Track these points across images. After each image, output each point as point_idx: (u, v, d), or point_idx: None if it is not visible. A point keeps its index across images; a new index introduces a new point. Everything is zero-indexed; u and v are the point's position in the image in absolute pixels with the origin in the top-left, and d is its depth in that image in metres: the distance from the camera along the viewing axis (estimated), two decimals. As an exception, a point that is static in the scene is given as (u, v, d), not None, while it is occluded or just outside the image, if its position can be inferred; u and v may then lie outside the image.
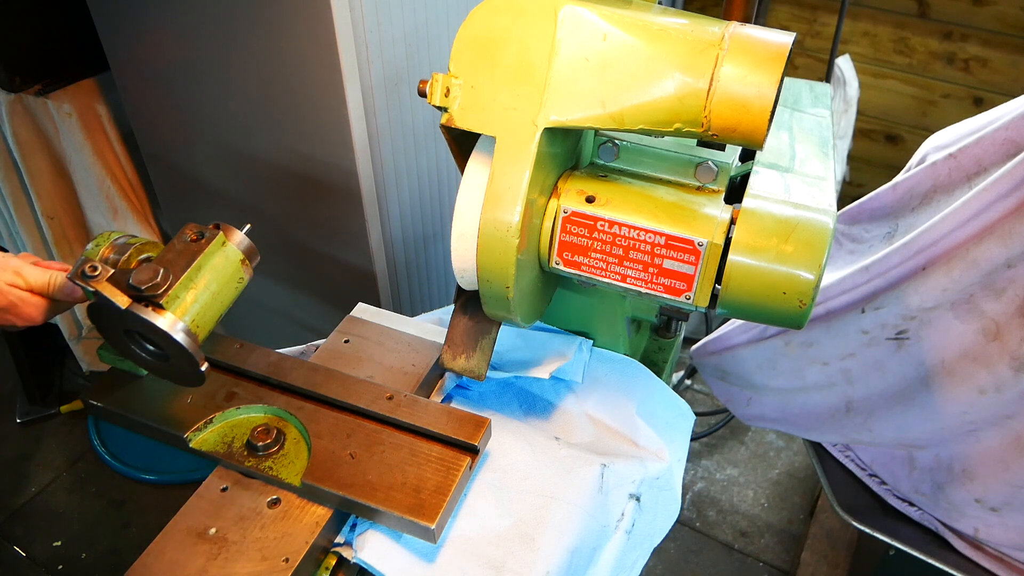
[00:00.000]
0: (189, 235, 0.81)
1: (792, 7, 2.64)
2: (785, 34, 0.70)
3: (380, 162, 1.54)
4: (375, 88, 1.45)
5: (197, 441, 0.87)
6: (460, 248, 0.78)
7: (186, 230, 0.81)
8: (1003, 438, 1.12)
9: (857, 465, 1.36)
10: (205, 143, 1.70)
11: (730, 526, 2.07)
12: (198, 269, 0.79)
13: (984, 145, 1.11)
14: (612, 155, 0.85)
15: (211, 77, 1.56)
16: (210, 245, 0.80)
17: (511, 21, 0.73)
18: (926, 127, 2.59)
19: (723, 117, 0.69)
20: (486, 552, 0.81)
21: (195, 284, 0.78)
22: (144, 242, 0.84)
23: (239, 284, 0.84)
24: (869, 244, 1.30)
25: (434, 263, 1.85)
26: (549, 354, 1.01)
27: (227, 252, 0.82)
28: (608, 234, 0.78)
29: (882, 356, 1.19)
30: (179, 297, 0.77)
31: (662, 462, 0.97)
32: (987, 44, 2.40)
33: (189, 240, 0.80)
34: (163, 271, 0.76)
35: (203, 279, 0.79)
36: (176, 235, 0.81)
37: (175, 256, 0.79)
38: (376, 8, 1.38)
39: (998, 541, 1.20)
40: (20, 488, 2.13)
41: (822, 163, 0.90)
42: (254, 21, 1.41)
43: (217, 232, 0.81)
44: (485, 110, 0.74)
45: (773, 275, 0.73)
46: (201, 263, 0.79)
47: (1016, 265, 1.02)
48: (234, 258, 0.82)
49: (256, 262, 0.86)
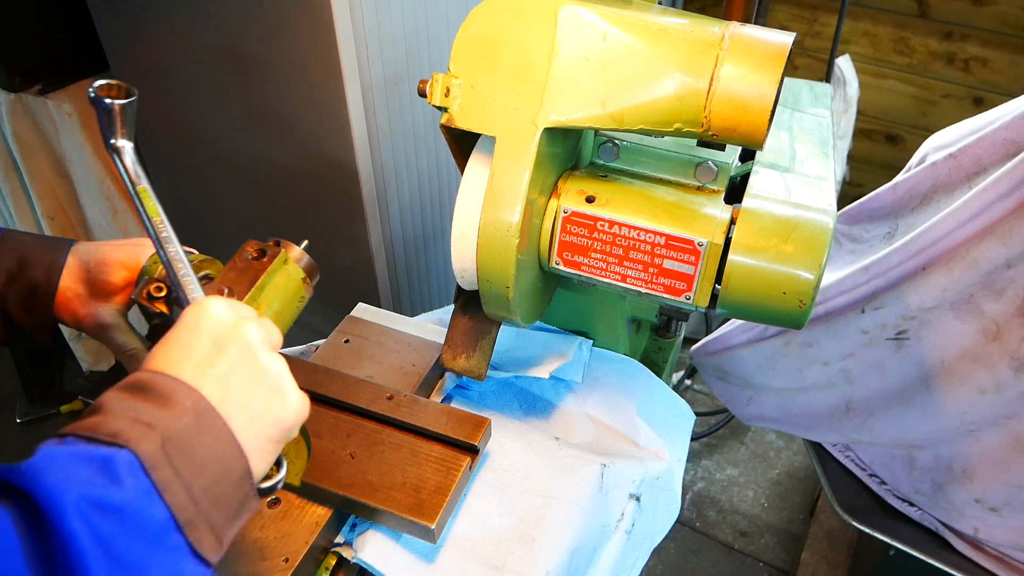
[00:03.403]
0: (250, 252, 0.78)
1: (792, 7, 2.64)
2: (785, 34, 0.70)
3: (380, 162, 1.54)
4: (375, 88, 1.45)
5: (197, 441, 0.87)
6: (460, 248, 0.78)
7: (247, 247, 0.78)
8: (1003, 438, 1.12)
9: (857, 465, 1.36)
10: (205, 143, 1.70)
11: (730, 526, 2.07)
12: (261, 289, 0.76)
13: (984, 145, 1.11)
14: (612, 155, 0.85)
15: (211, 77, 1.56)
16: (272, 263, 0.77)
17: (511, 21, 0.73)
18: (926, 127, 2.59)
19: (723, 117, 0.69)
20: (486, 552, 0.81)
21: (258, 304, 0.76)
22: (201, 259, 0.82)
23: (300, 303, 0.81)
24: (869, 244, 1.30)
25: (434, 263, 1.85)
26: (549, 354, 1.01)
27: (289, 270, 0.80)
28: (608, 234, 0.78)
29: (882, 356, 1.19)
30: None
31: (662, 462, 0.97)
32: (987, 44, 2.40)
33: (251, 258, 0.78)
34: (227, 291, 0.73)
35: (266, 299, 0.77)
36: (237, 252, 0.78)
37: (237, 275, 0.76)
38: (376, 8, 1.38)
39: (998, 541, 1.20)
40: (20, 488, 2.12)
41: (822, 163, 0.90)
42: (254, 21, 1.41)
43: (279, 250, 0.79)
44: (485, 110, 0.74)
45: (773, 275, 0.73)
46: (264, 282, 0.76)
47: (1016, 265, 1.02)
48: (296, 276, 0.80)
49: (316, 279, 0.83)
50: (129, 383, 0.54)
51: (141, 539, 0.47)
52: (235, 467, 0.54)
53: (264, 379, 0.59)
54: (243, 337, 0.59)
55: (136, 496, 0.47)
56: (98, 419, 0.51)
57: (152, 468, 0.49)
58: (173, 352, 0.57)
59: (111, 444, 0.48)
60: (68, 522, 0.44)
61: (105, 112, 0.68)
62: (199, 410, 0.53)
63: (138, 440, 0.49)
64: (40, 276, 0.78)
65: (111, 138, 0.69)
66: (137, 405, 0.52)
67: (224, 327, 0.59)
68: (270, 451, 0.59)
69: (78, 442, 0.49)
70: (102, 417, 0.51)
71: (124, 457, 0.48)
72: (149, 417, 0.51)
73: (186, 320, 0.60)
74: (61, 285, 0.79)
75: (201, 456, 0.52)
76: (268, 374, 0.60)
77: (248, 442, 0.56)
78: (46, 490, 0.45)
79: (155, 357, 0.57)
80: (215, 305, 0.60)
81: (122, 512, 0.46)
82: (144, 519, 0.47)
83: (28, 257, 0.78)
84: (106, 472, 0.47)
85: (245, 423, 0.56)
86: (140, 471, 0.48)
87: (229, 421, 0.55)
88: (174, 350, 0.57)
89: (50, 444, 0.49)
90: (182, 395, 0.53)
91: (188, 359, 0.56)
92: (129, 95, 0.68)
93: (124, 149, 0.70)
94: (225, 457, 0.54)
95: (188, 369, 0.55)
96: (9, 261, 0.77)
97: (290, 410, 0.60)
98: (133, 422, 0.50)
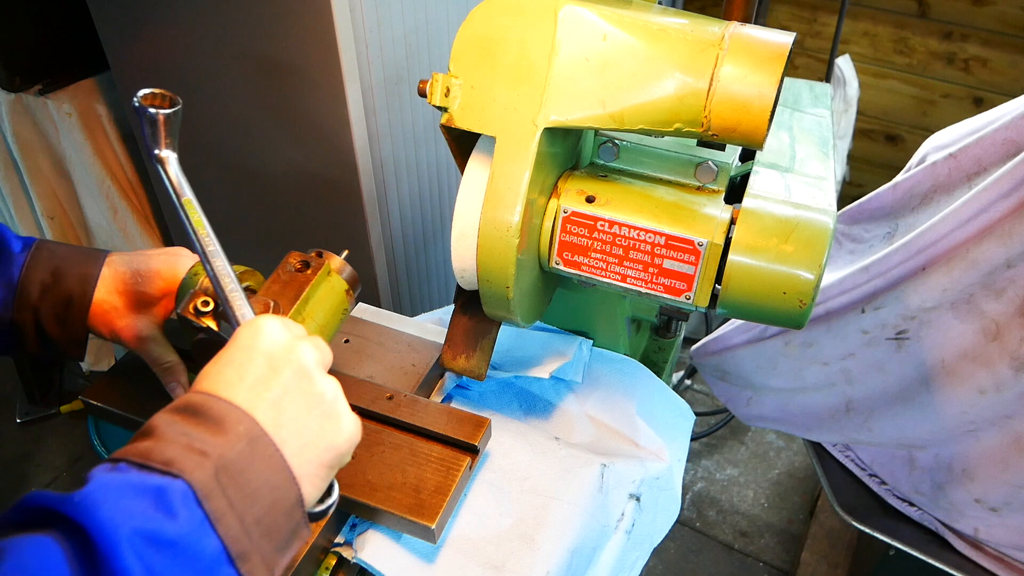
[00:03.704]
0: (293, 264, 0.77)
1: (792, 7, 2.64)
2: (785, 34, 0.70)
3: (380, 162, 1.54)
4: (375, 88, 1.45)
5: (197, 441, 0.87)
6: (460, 248, 0.78)
7: (289, 259, 0.77)
8: (1003, 438, 1.12)
9: (857, 465, 1.35)
10: (205, 143, 1.70)
11: (730, 526, 2.07)
12: (305, 302, 0.75)
13: (984, 145, 1.11)
14: (612, 155, 0.85)
15: (211, 77, 1.56)
16: (316, 276, 0.76)
17: (511, 21, 0.73)
18: (926, 127, 2.59)
19: (723, 117, 0.69)
20: (486, 552, 0.81)
21: (303, 318, 0.74)
22: (243, 271, 0.81)
23: (344, 316, 0.80)
24: (869, 244, 1.30)
25: (434, 263, 1.85)
26: (549, 354, 1.01)
27: (332, 282, 0.78)
28: (608, 234, 0.78)
29: (882, 356, 1.19)
30: None
31: (662, 462, 0.97)
32: (987, 44, 2.40)
33: (294, 270, 0.76)
34: (273, 304, 0.72)
35: (310, 312, 0.75)
36: (280, 264, 0.77)
37: (281, 288, 0.75)
38: (376, 8, 1.38)
39: (998, 541, 1.20)
40: (20, 488, 2.13)
41: (822, 163, 0.90)
42: (254, 21, 1.41)
43: (323, 261, 0.77)
44: (485, 110, 0.74)
45: (773, 275, 0.73)
46: (308, 295, 0.75)
47: (1016, 265, 1.02)
48: (339, 288, 0.79)
49: (358, 291, 0.81)
50: (181, 405, 0.53)
51: (193, 573, 0.46)
52: (287, 495, 0.53)
53: (319, 403, 0.58)
54: (298, 359, 0.58)
55: (190, 528, 0.47)
56: (151, 444, 0.50)
57: (205, 498, 0.48)
58: (227, 374, 0.55)
59: (165, 472, 0.48)
60: (122, 558, 0.43)
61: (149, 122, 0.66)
62: (252, 436, 0.52)
63: (192, 469, 0.48)
64: (75, 288, 0.76)
65: (155, 148, 0.68)
66: (190, 430, 0.51)
67: (279, 348, 0.58)
68: (323, 477, 0.57)
69: (131, 469, 0.48)
70: (154, 442, 0.50)
71: (178, 487, 0.47)
72: (202, 444, 0.50)
73: (240, 340, 0.58)
74: (97, 297, 0.77)
75: (254, 485, 0.51)
76: (323, 398, 0.59)
77: (300, 468, 0.55)
78: (100, 523, 0.44)
79: (207, 378, 0.55)
80: (270, 325, 0.59)
81: (175, 546, 0.46)
82: (197, 552, 0.47)
83: (62, 268, 0.77)
84: (160, 504, 0.46)
85: (298, 449, 0.55)
86: (194, 502, 0.47)
87: (282, 447, 0.54)
88: (227, 371, 0.56)
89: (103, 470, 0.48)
90: (235, 420, 0.52)
91: (242, 381, 0.55)
92: (174, 104, 0.67)
93: (168, 159, 0.69)
94: (278, 485, 0.53)
95: (242, 392, 0.54)
96: (43, 273, 0.76)
97: (344, 436, 0.59)
98: (186, 449, 0.49)
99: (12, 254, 0.76)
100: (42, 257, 0.77)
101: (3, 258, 0.76)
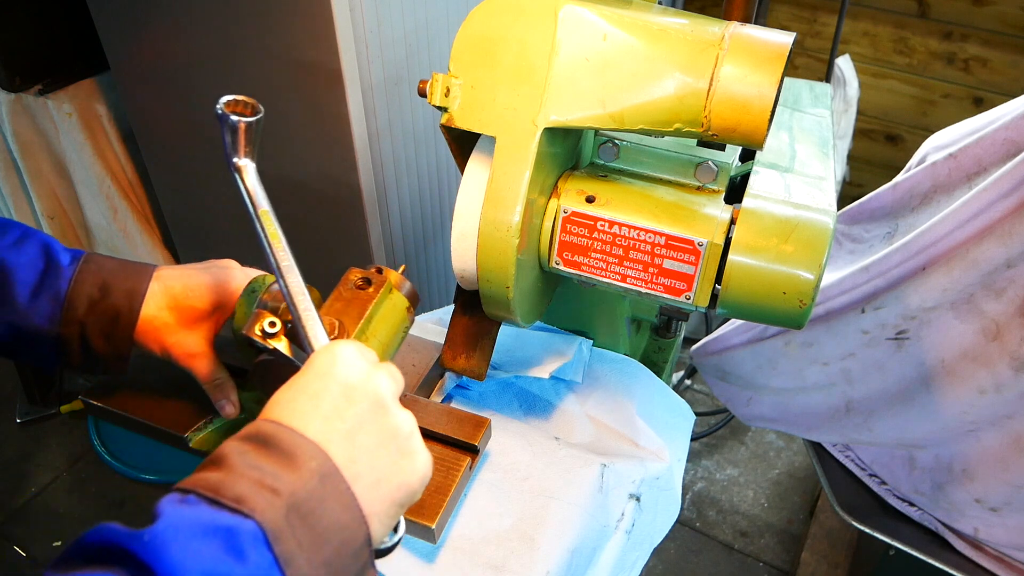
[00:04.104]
0: (355, 281, 0.75)
1: (792, 7, 2.64)
2: (785, 34, 0.70)
3: (380, 162, 1.54)
4: (375, 88, 1.45)
5: (197, 441, 0.87)
6: (460, 248, 0.78)
7: (349, 275, 0.75)
8: (1003, 438, 1.12)
9: (857, 465, 1.36)
10: (205, 143, 1.70)
11: (730, 526, 2.07)
12: (369, 321, 0.73)
13: (984, 145, 1.11)
14: (612, 155, 0.85)
15: (211, 77, 1.56)
16: (379, 293, 0.74)
17: (511, 21, 0.73)
18: (926, 127, 2.59)
19: (723, 117, 0.69)
20: (486, 552, 0.81)
21: (366, 337, 0.72)
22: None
23: (404, 334, 0.78)
24: (869, 244, 1.30)
25: (434, 263, 1.85)
26: (549, 354, 1.01)
27: (394, 300, 0.76)
28: (608, 234, 0.78)
29: (882, 356, 1.19)
30: None
31: (662, 462, 0.97)
32: (987, 44, 2.40)
33: (355, 287, 0.74)
34: (339, 325, 0.70)
35: (373, 331, 0.73)
36: (340, 281, 0.75)
37: (344, 306, 0.72)
38: (376, 8, 1.38)
39: (998, 541, 1.20)
40: (20, 488, 2.13)
41: (822, 163, 0.90)
42: (254, 21, 1.41)
43: (384, 278, 0.75)
44: (485, 110, 0.74)
45: (773, 275, 0.73)
46: (372, 314, 0.73)
47: (1016, 265, 1.02)
48: (400, 306, 0.77)
49: (417, 307, 0.79)
50: (252, 434, 0.52)
51: None
52: (356, 536, 0.52)
53: (394, 438, 0.56)
54: (375, 391, 0.57)
55: (259, 572, 0.46)
56: (221, 476, 0.48)
57: (276, 540, 0.47)
58: (301, 402, 0.54)
59: (235, 511, 0.47)
60: None
61: (230, 130, 0.65)
62: (324, 473, 0.51)
63: (263, 509, 0.47)
64: (122, 303, 0.75)
65: (233, 156, 0.66)
66: (261, 463, 0.49)
67: (356, 378, 0.56)
68: (392, 515, 0.56)
69: (200, 503, 0.47)
70: (225, 474, 0.49)
71: (248, 528, 0.46)
72: (273, 480, 0.49)
73: (316, 367, 0.56)
74: (145, 313, 0.76)
75: (324, 524, 0.50)
76: (398, 433, 0.57)
77: (371, 506, 0.53)
78: (169, 566, 0.43)
79: (279, 405, 0.54)
80: (347, 352, 0.57)
81: None
82: None
83: (110, 283, 0.75)
84: (229, 545, 0.45)
85: (369, 486, 0.53)
86: (263, 544, 0.46)
87: (354, 484, 0.52)
88: (302, 400, 0.54)
89: (172, 503, 0.47)
90: (307, 455, 0.51)
91: (316, 412, 0.53)
92: (256, 112, 0.66)
93: (246, 169, 0.67)
94: (347, 525, 0.51)
95: (315, 422, 0.53)
96: (91, 287, 0.75)
97: (418, 474, 0.58)
98: (257, 485, 0.48)
99: (60, 267, 0.75)
100: (90, 271, 0.75)
101: (51, 271, 0.74)
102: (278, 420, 0.53)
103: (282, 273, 0.64)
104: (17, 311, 0.73)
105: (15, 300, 0.73)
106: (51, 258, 0.75)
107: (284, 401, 0.54)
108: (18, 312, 0.73)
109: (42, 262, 0.74)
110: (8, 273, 0.73)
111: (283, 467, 0.50)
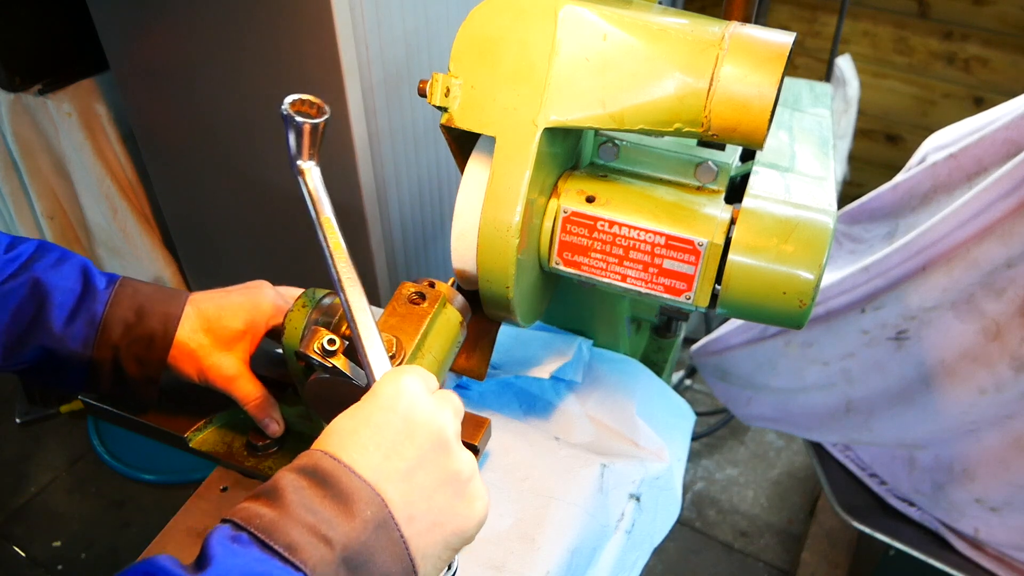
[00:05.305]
0: (409, 296, 0.73)
1: (792, 7, 2.64)
2: (785, 34, 0.70)
3: (380, 162, 1.54)
4: (375, 88, 1.45)
5: (197, 441, 0.87)
6: (460, 248, 0.78)
7: (403, 289, 0.74)
8: (1003, 438, 1.12)
9: (857, 465, 1.36)
10: (205, 143, 1.70)
11: (730, 526, 2.07)
12: (424, 336, 0.71)
13: (984, 145, 1.11)
14: (612, 155, 0.85)
15: (211, 77, 1.56)
16: (434, 308, 0.73)
17: (511, 21, 0.73)
18: (926, 127, 2.58)
19: (723, 117, 0.69)
20: (486, 552, 0.81)
21: (422, 353, 0.71)
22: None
23: (457, 348, 0.77)
24: (869, 244, 1.30)
25: (434, 263, 1.85)
26: (549, 354, 1.01)
27: (448, 314, 0.75)
28: (608, 234, 0.78)
29: (882, 356, 1.19)
30: None
31: (662, 462, 0.97)
32: (987, 44, 2.40)
33: (410, 302, 0.73)
34: (396, 342, 0.68)
35: (428, 347, 0.72)
36: (394, 295, 0.74)
37: (399, 321, 0.71)
38: (376, 8, 1.38)
39: (998, 541, 1.20)
40: (20, 488, 2.13)
41: (822, 163, 0.90)
42: (254, 21, 1.41)
43: (438, 293, 0.74)
44: (485, 110, 0.74)
45: (773, 275, 0.73)
46: (427, 329, 0.71)
47: (1016, 265, 1.02)
48: (454, 320, 0.76)
49: (468, 319, 0.78)
50: (311, 468, 0.50)
51: None
52: None
53: (453, 481, 0.54)
54: (439, 430, 0.55)
55: None
56: (275, 517, 0.47)
57: None
58: (362, 434, 0.52)
59: (286, 561, 0.46)
60: None
61: (295, 131, 0.63)
62: (379, 522, 0.50)
63: (316, 563, 0.46)
64: (157, 328, 0.75)
65: (298, 158, 0.64)
66: (316, 507, 0.48)
67: (420, 415, 0.54)
68: (444, 559, 0.54)
69: (252, 545, 0.46)
70: (280, 515, 0.48)
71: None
72: (328, 529, 0.48)
73: (380, 398, 0.55)
74: (181, 337, 0.76)
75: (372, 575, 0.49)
76: (459, 476, 0.55)
77: (421, 550, 0.52)
78: None
79: (339, 434, 0.53)
80: (413, 385, 0.56)
81: None
82: None
83: (146, 307, 0.75)
84: None
85: (424, 529, 0.52)
86: None
87: (407, 526, 0.51)
88: (363, 432, 0.52)
89: (224, 539, 0.46)
90: (364, 502, 0.49)
91: (377, 447, 0.52)
92: (322, 113, 0.64)
93: (309, 171, 0.65)
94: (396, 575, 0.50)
95: (375, 459, 0.51)
96: (127, 311, 0.74)
97: (475, 519, 0.56)
98: (311, 533, 0.47)
99: (96, 291, 0.74)
100: (126, 295, 0.75)
101: (88, 295, 0.74)
102: (337, 456, 0.51)
103: (343, 287, 0.62)
104: (52, 335, 0.72)
105: (51, 324, 0.72)
106: (88, 281, 0.75)
107: (345, 432, 0.53)
108: (52, 336, 0.72)
109: (80, 285, 0.74)
110: (47, 295, 0.72)
111: (338, 514, 0.49)
